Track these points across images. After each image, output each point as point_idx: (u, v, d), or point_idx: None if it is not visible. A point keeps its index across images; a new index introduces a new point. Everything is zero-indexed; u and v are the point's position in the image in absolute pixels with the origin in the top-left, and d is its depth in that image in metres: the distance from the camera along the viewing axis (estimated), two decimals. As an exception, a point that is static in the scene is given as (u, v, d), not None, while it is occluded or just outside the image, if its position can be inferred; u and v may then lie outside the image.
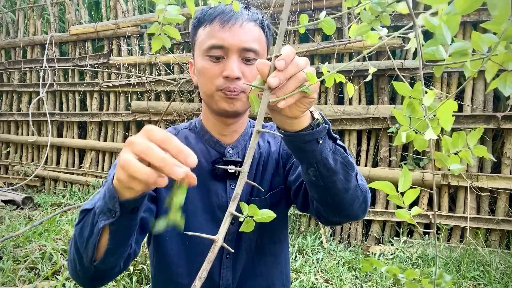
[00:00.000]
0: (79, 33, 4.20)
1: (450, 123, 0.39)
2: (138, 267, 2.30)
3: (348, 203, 0.75)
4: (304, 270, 2.41)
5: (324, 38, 3.36)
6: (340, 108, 3.09)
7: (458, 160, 0.43)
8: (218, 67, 0.84)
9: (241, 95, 0.85)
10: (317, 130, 0.65)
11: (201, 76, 0.87)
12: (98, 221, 0.62)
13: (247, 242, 0.94)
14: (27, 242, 2.67)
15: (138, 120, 3.92)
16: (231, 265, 0.93)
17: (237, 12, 0.84)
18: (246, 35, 0.83)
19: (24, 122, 4.67)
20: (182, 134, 0.98)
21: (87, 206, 0.68)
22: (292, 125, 0.64)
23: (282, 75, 0.53)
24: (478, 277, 2.39)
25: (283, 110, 0.60)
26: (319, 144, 0.66)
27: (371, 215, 3.02)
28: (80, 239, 0.67)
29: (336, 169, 0.69)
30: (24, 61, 4.59)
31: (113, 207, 0.59)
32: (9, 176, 4.71)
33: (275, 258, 0.99)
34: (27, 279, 2.21)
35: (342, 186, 0.72)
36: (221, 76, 0.83)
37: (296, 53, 0.56)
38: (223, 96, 0.84)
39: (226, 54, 0.83)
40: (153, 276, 0.99)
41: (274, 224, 0.95)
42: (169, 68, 3.83)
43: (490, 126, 2.75)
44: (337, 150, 0.71)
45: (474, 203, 2.86)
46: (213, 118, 0.93)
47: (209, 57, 0.85)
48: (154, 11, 4.16)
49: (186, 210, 0.90)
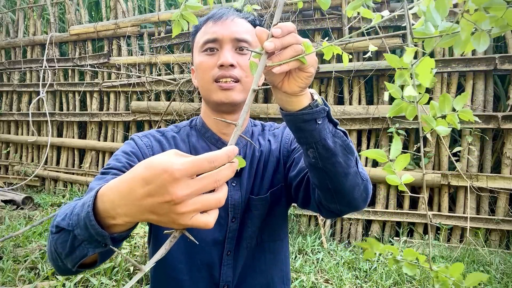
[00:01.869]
0: (79, 33, 4.20)
1: (428, 79, 0.40)
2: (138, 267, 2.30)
3: (348, 189, 0.75)
4: (304, 270, 2.41)
5: (324, 38, 3.36)
6: (340, 108, 3.09)
7: (445, 124, 0.45)
8: (213, 59, 0.87)
9: (236, 85, 0.87)
10: (315, 110, 0.67)
11: (198, 71, 0.90)
12: (82, 247, 0.57)
13: (247, 240, 0.95)
14: (27, 242, 2.67)
15: (138, 120, 3.92)
16: (231, 262, 0.94)
17: (228, 12, 0.89)
18: (237, 27, 0.88)
19: (24, 122, 4.67)
20: (184, 131, 0.99)
21: (62, 223, 0.60)
22: (292, 103, 0.67)
23: (278, 42, 0.55)
24: (478, 277, 2.39)
25: (283, 86, 0.63)
26: (317, 125, 0.68)
27: (371, 215, 3.02)
28: (60, 250, 0.62)
29: (335, 151, 0.70)
30: (24, 61, 4.59)
31: (102, 240, 0.55)
32: (9, 176, 4.71)
33: (275, 255, 1.00)
34: (27, 279, 2.21)
35: (341, 170, 0.72)
36: (216, 67, 0.86)
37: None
38: (218, 88, 0.87)
39: (220, 46, 0.87)
40: (152, 274, 0.99)
41: (275, 222, 0.99)
42: (169, 68, 3.83)
43: (490, 126, 2.75)
44: (337, 133, 0.72)
45: (474, 203, 2.86)
46: (214, 114, 0.94)
47: (204, 52, 0.89)
48: (154, 11, 4.16)
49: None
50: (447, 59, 2.87)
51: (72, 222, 0.58)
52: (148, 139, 0.93)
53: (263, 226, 0.96)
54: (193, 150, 0.95)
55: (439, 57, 2.95)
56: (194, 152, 0.94)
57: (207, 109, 0.96)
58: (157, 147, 0.93)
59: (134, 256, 2.45)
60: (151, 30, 3.92)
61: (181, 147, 0.95)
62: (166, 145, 0.94)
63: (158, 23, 3.81)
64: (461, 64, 2.84)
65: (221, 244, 0.92)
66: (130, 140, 0.93)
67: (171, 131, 0.99)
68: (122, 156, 0.86)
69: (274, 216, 0.98)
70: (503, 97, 3.10)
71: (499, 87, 3.15)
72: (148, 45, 3.90)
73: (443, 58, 2.90)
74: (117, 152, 0.88)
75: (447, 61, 2.87)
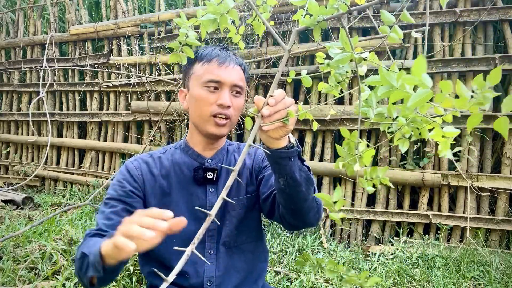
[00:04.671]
0: (79, 33, 4.20)
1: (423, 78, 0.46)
2: (138, 267, 2.30)
3: (306, 211, 0.98)
4: (304, 270, 2.41)
5: (324, 38, 3.36)
6: (340, 108, 3.09)
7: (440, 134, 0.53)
8: (213, 96, 1.06)
9: (227, 122, 1.07)
10: (290, 151, 0.88)
11: (197, 102, 1.08)
12: (88, 269, 0.82)
13: (226, 239, 1.12)
14: (27, 242, 2.67)
15: (138, 120, 3.92)
16: (214, 259, 1.11)
17: (229, 57, 1.09)
18: (236, 74, 1.08)
19: (24, 122, 4.67)
20: (169, 152, 1.18)
21: (84, 249, 0.86)
22: (273, 144, 0.87)
23: (272, 109, 0.76)
24: (478, 277, 2.39)
25: (269, 132, 0.83)
26: (290, 161, 0.89)
27: (371, 215, 3.02)
28: (79, 271, 0.88)
29: (300, 182, 0.91)
30: (24, 61, 4.59)
31: (98, 267, 0.79)
32: (9, 176, 4.71)
33: (253, 254, 1.18)
34: (27, 279, 2.21)
35: (303, 196, 0.94)
36: (215, 104, 1.05)
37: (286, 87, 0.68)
38: (214, 123, 1.06)
39: (220, 87, 1.06)
40: (146, 275, 1.15)
41: (251, 225, 1.18)
42: (169, 68, 3.83)
43: (490, 126, 2.75)
44: (303, 168, 0.93)
45: (474, 203, 2.86)
46: (200, 138, 1.14)
47: (207, 88, 1.06)
48: (154, 11, 4.16)
49: (172, 212, 1.06)
50: (447, 59, 2.87)
51: (90, 245, 0.88)
52: (138, 162, 1.14)
53: (241, 228, 1.14)
54: (176, 166, 1.14)
55: (439, 57, 2.95)
56: (176, 166, 1.14)
57: (195, 133, 1.14)
58: (144, 167, 1.13)
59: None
60: (151, 30, 3.91)
61: (165, 164, 1.14)
62: (152, 165, 1.14)
63: (158, 23, 3.81)
64: (461, 64, 2.84)
65: (202, 243, 1.10)
66: (123, 167, 1.13)
67: (158, 153, 1.18)
68: (117, 185, 1.08)
69: (251, 219, 1.17)
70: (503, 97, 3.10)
71: (499, 87, 3.15)
72: (148, 45, 3.90)
73: (443, 58, 2.90)
74: (114, 181, 1.10)
75: (447, 61, 2.87)
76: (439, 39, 2.97)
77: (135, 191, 1.08)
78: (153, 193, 1.10)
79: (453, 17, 2.88)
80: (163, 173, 1.12)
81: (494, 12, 2.81)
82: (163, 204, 1.09)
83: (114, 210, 1.03)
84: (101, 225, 1.01)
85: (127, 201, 1.06)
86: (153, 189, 1.10)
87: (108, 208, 1.04)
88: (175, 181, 1.12)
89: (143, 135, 3.96)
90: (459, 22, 2.90)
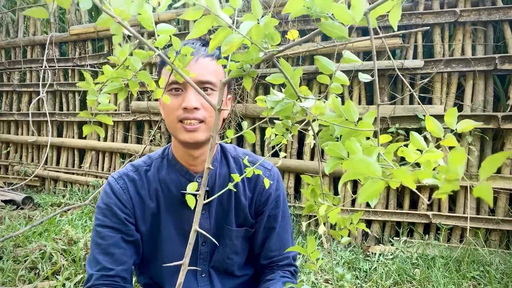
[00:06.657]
0: (79, 33, 4.20)
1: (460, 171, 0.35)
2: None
3: None
4: (304, 270, 2.41)
5: (324, 38, 3.36)
6: (340, 108, 3.08)
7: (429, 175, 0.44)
8: (178, 99, 0.92)
9: (200, 126, 0.93)
10: None
11: (164, 109, 0.97)
12: None
13: (218, 264, 1.07)
14: (27, 242, 2.67)
15: (138, 120, 3.92)
16: (208, 283, 1.07)
17: (194, 51, 0.93)
18: (202, 69, 0.92)
19: (24, 122, 4.67)
20: (155, 164, 1.06)
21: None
22: None
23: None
24: (478, 277, 2.39)
25: None
26: None
27: (371, 215, 3.02)
28: None
29: None
30: (24, 61, 4.59)
31: None
32: (9, 176, 4.71)
33: (244, 278, 1.15)
34: (27, 279, 2.21)
35: None
36: (181, 108, 0.92)
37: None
38: (182, 129, 0.93)
39: (184, 87, 0.92)
40: (142, 285, 1.13)
41: (243, 251, 1.12)
42: (169, 68, 3.82)
43: (490, 126, 2.74)
44: None
45: (474, 203, 2.85)
46: (181, 149, 1.01)
47: (169, 92, 0.93)
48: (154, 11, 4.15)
49: (162, 235, 1.05)
50: (447, 59, 2.87)
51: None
52: (123, 181, 1.02)
53: (234, 259, 1.09)
54: (163, 184, 1.04)
55: (439, 57, 2.95)
56: (164, 185, 1.04)
57: (176, 143, 1.02)
58: (131, 188, 1.02)
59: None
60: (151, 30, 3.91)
61: (152, 183, 1.04)
62: (139, 184, 1.03)
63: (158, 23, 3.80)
64: (461, 64, 2.84)
65: (194, 266, 1.04)
66: (107, 187, 1.02)
67: (144, 165, 1.06)
68: (107, 211, 0.99)
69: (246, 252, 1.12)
70: (503, 97, 3.10)
71: (499, 87, 3.15)
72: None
73: (443, 58, 2.90)
74: (101, 204, 1.00)
75: (447, 61, 2.87)
76: (439, 39, 2.97)
77: (128, 218, 1.00)
78: (143, 218, 1.03)
79: (453, 17, 2.88)
80: (151, 193, 1.04)
81: (494, 12, 2.81)
82: (153, 226, 1.04)
83: (111, 242, 0.96)
84: (103, 262, 0.95)
85: (123, 230, 0.99)
86: (143, 213, 1.03)
87: (104, 241, 0.96)
88: (163, 201, 1.04)
89: (143, 135, 3.96)
90: (459, 22, 2.90)
